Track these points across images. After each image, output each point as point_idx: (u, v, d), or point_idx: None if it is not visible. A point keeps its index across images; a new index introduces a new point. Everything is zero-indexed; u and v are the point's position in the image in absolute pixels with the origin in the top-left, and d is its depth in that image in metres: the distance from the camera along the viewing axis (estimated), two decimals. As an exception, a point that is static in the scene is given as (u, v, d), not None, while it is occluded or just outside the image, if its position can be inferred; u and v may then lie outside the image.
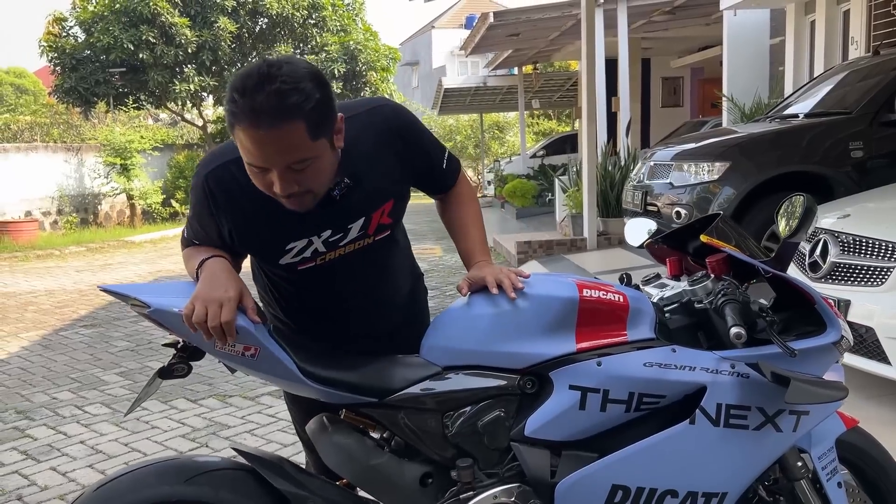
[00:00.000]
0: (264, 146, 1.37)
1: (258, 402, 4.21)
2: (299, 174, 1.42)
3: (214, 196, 1.55)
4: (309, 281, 1.67)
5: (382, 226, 1.66)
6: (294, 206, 1.49)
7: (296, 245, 1.60)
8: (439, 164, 1.76)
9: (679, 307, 1.75)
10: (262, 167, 1.42)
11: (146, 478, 1.55)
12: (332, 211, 1.58)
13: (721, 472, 1.60)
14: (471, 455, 1.60)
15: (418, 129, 1.70)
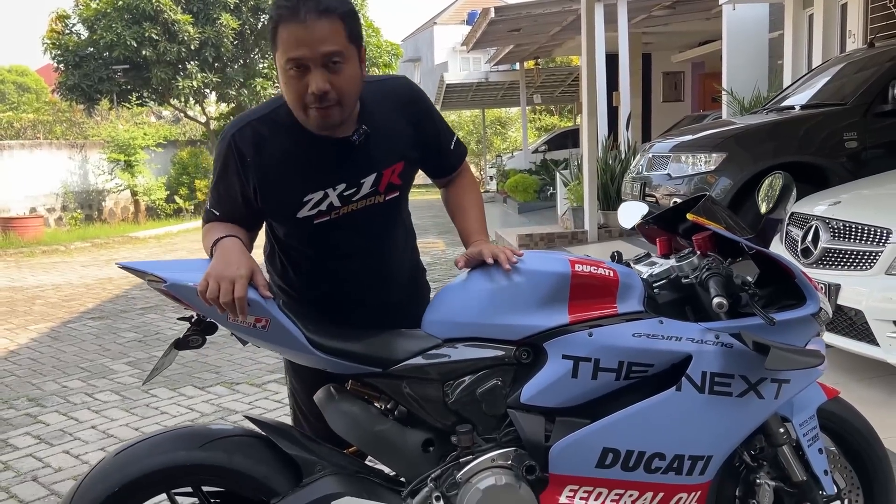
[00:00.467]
0: (308, 35, 1.53)
1: (264, 389, 4.31)
2: (333, 74, 1.56)
3: (241, 153, 1.67)
4: (321, 237, 1.76)
5: (392, 185, 1.77)
6: (323, 117, 1.60)
7: (313, 197, 1.70)
8: (448, 144, 1.89)
9: (667, 283, 1.84)
10: (303, 60, 1.54)
11: (163, 443, 1.64)
12: (348, 161, 1.70)
13: (706, 436, 1.70)
14: (470, 421, 1.69)
15: (433, 107, 1.86)
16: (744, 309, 1.74)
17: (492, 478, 1.64)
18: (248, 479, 1.64)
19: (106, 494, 1.57)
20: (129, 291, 7.94)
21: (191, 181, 17.83)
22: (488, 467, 1.66)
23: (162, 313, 6.65)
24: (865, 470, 1.97)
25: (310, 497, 1.61)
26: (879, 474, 1.96)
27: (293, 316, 1.65)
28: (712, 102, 14.22)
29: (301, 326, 1.65)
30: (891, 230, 3.20)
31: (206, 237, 1.71)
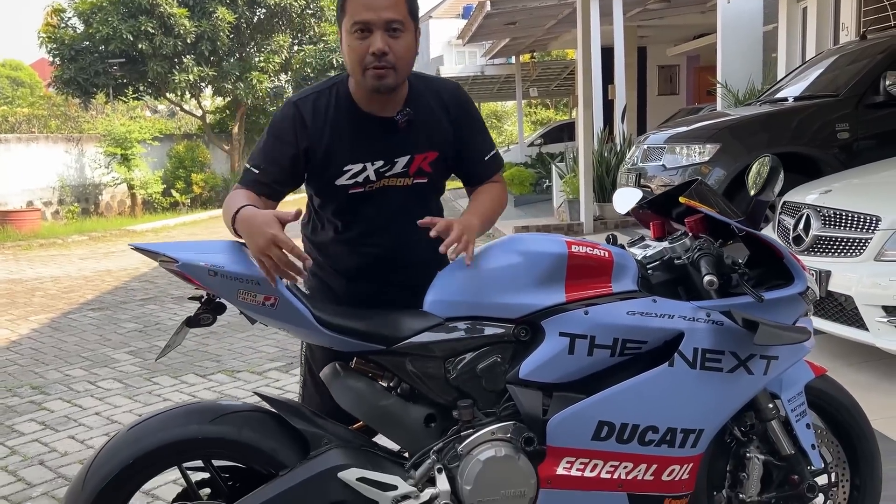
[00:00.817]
0: (374, 2, 1.71)
1: (265, 377, 4.37)
2: (393, 40, 1.74)
3: (303, 118, 1.83)
4: (351, 208, 1.90)
5: (421, 171, 1.90)
6: (378, 77, 1.75)
7: (352, 168, 1.85)
8: (482, 154, 1.96)
9: (660, 264, 1.91)
10: (368, 23, 1.72)
11: (175, 418, 1.71)
12: (388, 140, 1.84)
13: (698, 410, 1.76)
14: (470, 397, 1.75)
15: (476, 116, 1.98)
16: (734, 289, 1.81)
17: (491, 450, 1.71)
18: (257, 452, 1.70)
19: (121, 467, 1.63)
20: (128, 283, 7.99)
21: (187, 175, 17.85)
22: (488, 440, 1.72)
23: (161, 304, 6.70)
24: (851, 444, 2.04)
25: (317, 469, 1.67)
26: (865, 449, 2.03)
27: (300, 295, 1.71)
28: (707, 96, 14.28)
29: (308, 305, 1.71)
30: (880, 217, 3.28)
31: (227, 208, 1.75)
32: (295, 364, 4.57)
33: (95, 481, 1.62)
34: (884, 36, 6.05)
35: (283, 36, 18.52)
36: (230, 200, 1.77)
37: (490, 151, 1.98)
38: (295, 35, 19.28)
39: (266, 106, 20.50)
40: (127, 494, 1.67)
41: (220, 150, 20.29)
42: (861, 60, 5.63)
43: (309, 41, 19.05)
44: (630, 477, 1.75)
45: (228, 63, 18.19)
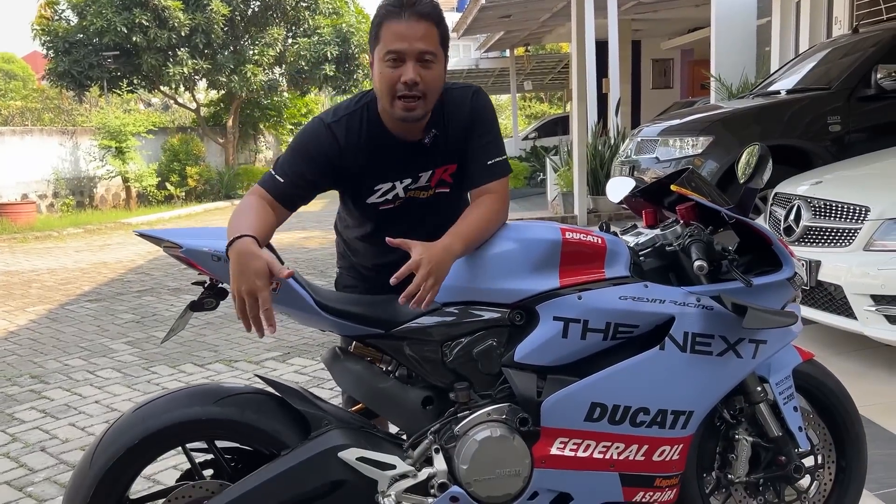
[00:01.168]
0: (408, 32, 1.75)
1: (262, 366, 4.41)
2: (424, 70, 1.77)
3: (335, 137, 1.85)
4: (379, 219, 1.96)
5: (442, 181, 1.95)
6: (408, 108, 1.79)
7: (382, 187, 1.91)
8: (484, 158, 1.90)
9: (652, 251, 1.95)
10: (402, 53, 1.75)
11: (180, 400, 1.75)
12: (416, 159, 1.89)
13: (688, 392, 1.82)
14: (467, 379, 1.81)
15: (491, 119, 1.95)
16: (724, 275, 1.86)
17: (487, 430, 1.76)
18: (259, 433, 1.75)
19: (127, 447, 1.68)
20: (125, 275, 8.01)
21: (182, 168, 17.82)
22: (484, 421, 1.78)
23: (158, 295, 6.73)
24: (837, 427, 2.09)
25: (317, 449, 1.72)
26: (850, 431, 2.09)
27: (301, 281, 1.76)
28: (701, 89, 14.33)
29: (309, 290, 1.76)
30: (869, 208, 3.33)
31: (237, 215, 1.74)
32: (292, 354, 4.62)
33: (102, 461, 1.67)
34: (876, 29, 6.10)
35: (278, 29, 18.47)
36: (243, 208, 1.77)
37: (494, 157, 1.90)
38: (289, 28, 19.23)
39: (260, 99, 20.46)
40: (133, 474, 1.72)
41: (214, 144, 20.26)
42: (853, 54, 5.69)
43: (303, 34, 18.99)
44: (622, 457, 1.81)
45: (223, 56, 18.13)
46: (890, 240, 3.21)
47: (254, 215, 1.74)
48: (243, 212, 1.76)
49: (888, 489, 2.42)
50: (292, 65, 18.83)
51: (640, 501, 1.85)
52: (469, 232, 1.79)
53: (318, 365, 4.32)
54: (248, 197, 1.83)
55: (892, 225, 3.22)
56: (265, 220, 1.75)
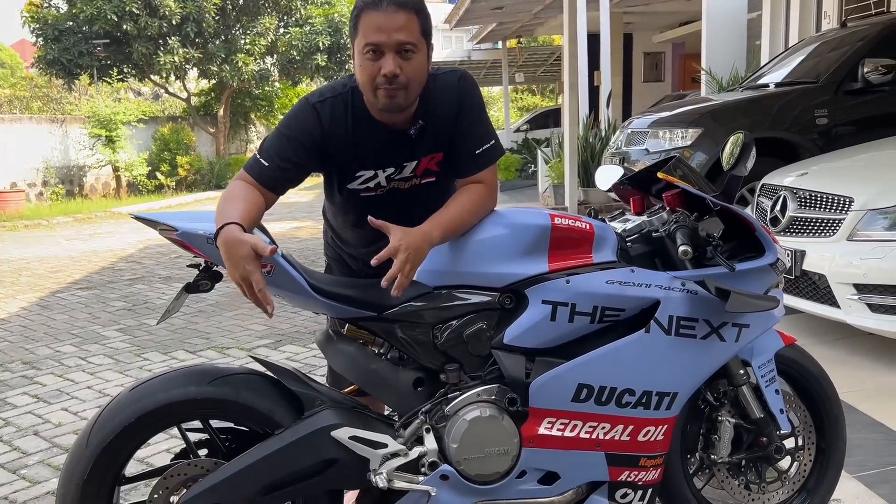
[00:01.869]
0: (386, 23, 1.72)
1: (255, 353, 4.44)
2: (404, 61, 1.75)
3: (320, 120, 1.84)
4: (362, 208, 1.94)
5: (428, 171, 1.95)
6: (390, 96, 1.77)
7: (364, 174, 1.90)
8: (472, 148, 1.89)
9: (639, 237, 2.00)
10: (380, 45, 1.73)
11: (175, 380, 1.78)
12: (400, 149, 1.88)
13: (672, 374, 1.86)
14: (457, 361, 1.85)
15: (478, 104, 1.93)
16: (708, 260, 1.90)
17: (477, 410, 1.80)
18: (253, 413, 1.78)
19: (123, 425, 1.71)
20: (116, 264, 8.01)
21: (172, 157, 17.78)
22: (474, 401, 1.82)
23: (150, 284, 6.73)
24: (817, 410, 2.15)
25: (311, 428, 1.75)
26: (830, 413, 2.14)
27: (295, 264, 1.79)
28: (692, 83, 14.39)
29: (303, 273, 1.79)
30: (852, 198, 3.39)
31: (224, 202, 1.75)
32: (284, 341, 4.65)
33: (99, 438, 1.70)
34: (863, 24, 6.16)
35: (269, 18, 18.41)
36: (230, 194, 1.78)
37: (482, 144, 1.90)
38: (281, 17, 19.17)
39: (251, 89, 20.39)
40: (128, 452, 1.76)
41: (205, 133, 20.21)
42: (840, 48, 5.74)
43: (295, 24, 18.95)
44: (608, 437, 1.85)
45: (214, 45, 18.07)
46: (873, 230, 3.27)
47: (241, 201, 1.75)
48: (230, 198, 1.77)
49: (867, 471, 2.48)
50: (284, 54, 18.79)
51: (626, 480, 1.89)
52: (449, 220, 1.80)
53: (310, 352, 4.36)
54: (235, 182, 1.84)
55: (875, 215, 3.28)
56: (252, 205, 1.76)
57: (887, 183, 3.49)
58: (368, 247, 2.04)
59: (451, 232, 1.81)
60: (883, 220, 3.26)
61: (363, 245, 2.07)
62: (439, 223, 1.80)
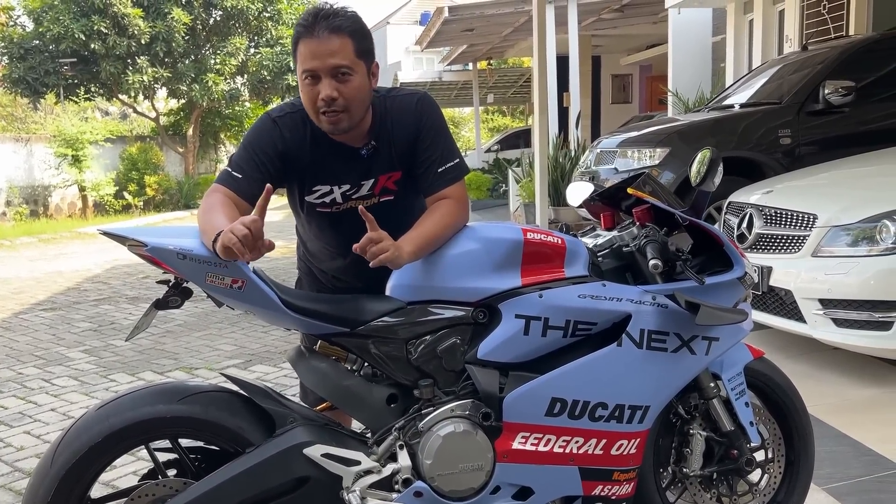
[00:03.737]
0: (320, 49, 1.77)
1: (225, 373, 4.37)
2: (342, 85, 1.79)
3: (282, 133, 1.89)
4: (322, 225, 2.01)
5: (386, 189, 1.97)
6: (332, 122, 1.82)
7: (321, 188, 1.93)
8: (437, 165, 1.92)
9: (610, 251, 2.02)
10: (315, 71, 1.78)
11: (144, 398, 1.75)
12: (354, 167, 1.92)
13: (644, 388, 1.87)
14: (431, 376, 1.84)
15: (438, 125, 1.95)
16: (678, 274, 1.93)
17: (451, 426, 1.79)
18: (224, 431, 1.76)
19: (89, 445, 1.67)
20: (81, 284, 7.86)
21: (140, 177, 17.59)
22: (448, 417, 1.81)
23: (116, 304, 6.62)
24: (786, 422, 2.17)
25: (283, 445, 1.73)
26: (799, 426, 2.17)
27: (266, 279, 1.78)
28: (659, 104, 14.64)
29: (275, 288, 1.78)
30: (816, 216, 3.46)
31: (207, 213, 1.75)
32: (254, 361, 4.59)
33: (64, 458, 1.66)
34: (824, 47, 6.33)
35: (240, 38, 18.38)
36: (210, 206, 1.77)
37: (445, 163, 1.92)
38: (251, 38, 19.15)
39: (221, 108, 20.29)
40: (95, 473, 1.72)
41: (174, 153, 20.03)
42: (802, 70, 5.88)
43: (266, 44, 18.93)
44: (581, 451, 1.85)
45: (183, 65, 17.97)
46: (836, 246, 3.34)
47: (224, 211, 1.75)
48: (212, 209, 1.76)
49: (835, 483, 2.51)
50: (254, 74, 18.74)
51: (599, 495, 1.90)
52: (418, 238, 1.80)
53: (281, 372, 4.31)
54: (212, 195, 1.83)
55: (839, 232, 3.35)
56: (234, 212, 1.76)
57: (849, 200, 3.57)
58: (333, 261, 2.06)
59: (422, 248, 1.81)
60: (846, 237, 3.33)
61: (329, 259, 2.09)
62: (409, 239, 1.80)
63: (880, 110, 5.51)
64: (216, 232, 1.64)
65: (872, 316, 3.14)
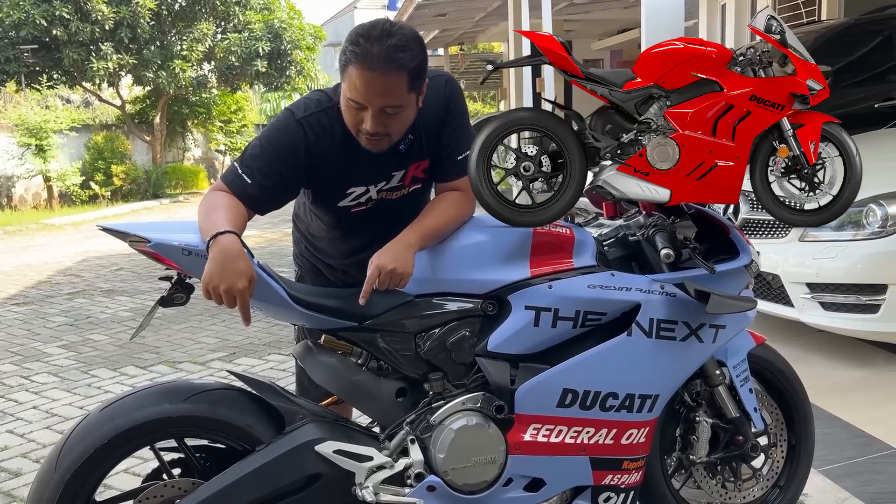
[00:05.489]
0: (371, 87, 1.64)
1: (208, 367, 4.32)
2: (388, 118, 1.71)
3: (307, 139, 1.77)
4: (351, 222, 1.93)
5: (416, 178, 1.92)
6: (371, 145, 1.75)
7: (356, 191, 1.86)
8: (458, 152, 1.88)
9: (616, 241, 2.02)
10: (362, 104, 1.68)
11: (149, 397, 1.71)
12: (389, 160, 1.84)
13: (653, 377, 1.88)
14: (441, 370, 1.82)
15: (464, 110, 1.92)
16: (685, 262, 1.93)
17: (463, 419, 1.78)
18: (232, 429, 1.72)
19: (95, 447, 1.63)
20: (53, 277, 7.69)
21: (107, 166, 17.20)
22: (459, 410, 1.80)
23: (91, 297, 6.49)
24: (787, 406, 2.20)
25: (294, 443, 1.70)
26: (800, 410, 2.20)
27: (273, 274, 1.74)
28: (631, 89, 14.65)
29: (282, 283, 1.74)
30: (803, 200, 3.49)
31: (209, 211, 1.69)
32: (238, 354, 4.54)
33: (69, 461, 1.62)
34: (800, 32, 6.38)
35: (207, 24, 18.00)
36: (212, 205, 1.70)
37: (463, 151, 1.86)
38: (219, 23, 18.79)
39: (189, 96, 19.92)
40: (101, 475, 1.68)
41: (140, 141, 19.63)
42: (778, 55, 5.92)
43: (234, 29, 18.58)
44: (592, 441, 1.85)
45: (149, 51, 17.56)
46: (823, 231, 3.38)
47: (227, 210, 1.69)
48: (215, 207, 1.70)
49: (830, 465, 2.56)
50: (222, 61, 18.41)
51: (609, 484, 1.90)
52: (427, 227, 1.80)
53: (267, 364, 4.26)
54: (215, 193, 1.77)
55: (825, 216, 3.38)
56: (239, 216, 1.71)
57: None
58: (351, 257, 2.02)
59: (429, 239, 1.80)
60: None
61: (345, 256, 2.04)
62: (417, 230, 1.80)
63: (853, 94, 5.58)
64: (215, 231, 1.60)
65: (860, 299, 3.18)
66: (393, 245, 1.76)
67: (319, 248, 2.09)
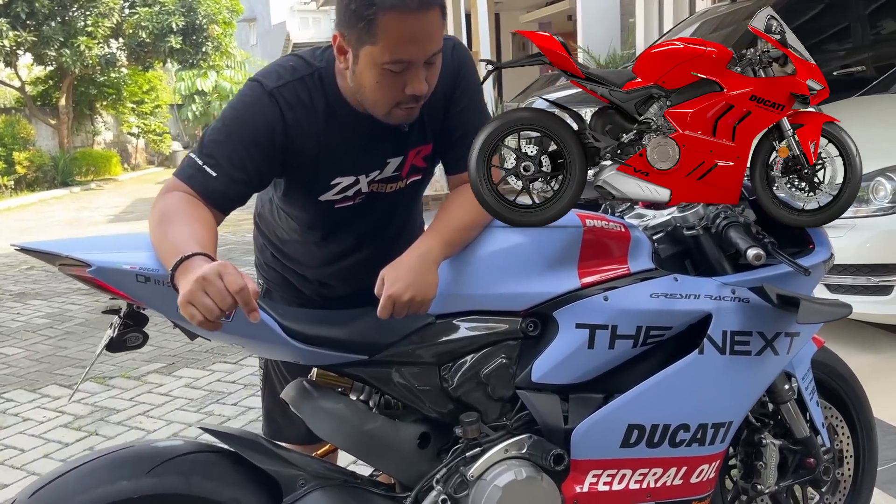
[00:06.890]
0: (415, 32, 1.30)
1: (145, 382, 3.81)
2: (428, 71, 1.36)
3: (282, 114, 1.38)
4: (334, 219, 1.53)
5: (415, 168, 1.54)
6: (409, 115, 1.40)
7: (342, 181, 1.46)
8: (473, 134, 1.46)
9: (664, 236, 1.68)
10: (408, 60, 1.32)
11: (96, 473, 1.28)
12: (384, 142, 1.47)
13: (727, 401, 1.56)
14: (474, 408, 1.45)
15: (476, 83, 1.55)
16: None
17: (509, 471, 1.41)
18: (213, 507, 1.30)
19: (25, 551, 1.19)
20: (-48, 280, 6.90)
21: (8, 154, 15.93)
22: (502, 459, 1.43)
23: (23, 301, 5.79)
24: (850, 416, 1.93)
25: (299, 522, 1.30)
26: (863, 420, 1.93)
27: (261, 301, 1.32)
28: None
29: (273, 313, 1.33)
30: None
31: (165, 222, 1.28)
32: (178, 364, 4.04)
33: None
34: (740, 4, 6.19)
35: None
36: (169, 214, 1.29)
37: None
38: (126, -4, 17.64)
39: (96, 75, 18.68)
40: None
41: (45, 125, 18.33)
42: (727, 27, 5.72)
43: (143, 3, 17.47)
44: (659, 483, 1.53)
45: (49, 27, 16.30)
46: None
47: (194, 224, 1.27)
48: (174, 217, 1.28)
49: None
50: (132, 37, 17.30)
51: (674, 531, 1.58)
52: (451, 231, 1.45)
53: (213, 377, 3.79)
54: (172, 195, 1.34)
55: (828, 192, 3.16)
56: (208, 228, 1.29)
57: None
58: (331, 265, 1.62)
59: (455, 245, 1.45)
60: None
61: (324, 263, 1.63)
62: (439, 234, 1.43)
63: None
64: (179, 255, 1.17)
65: (870, 280, 2.97)
66: (409, 260, 1.38)
67: (290, 256, 1.67)
